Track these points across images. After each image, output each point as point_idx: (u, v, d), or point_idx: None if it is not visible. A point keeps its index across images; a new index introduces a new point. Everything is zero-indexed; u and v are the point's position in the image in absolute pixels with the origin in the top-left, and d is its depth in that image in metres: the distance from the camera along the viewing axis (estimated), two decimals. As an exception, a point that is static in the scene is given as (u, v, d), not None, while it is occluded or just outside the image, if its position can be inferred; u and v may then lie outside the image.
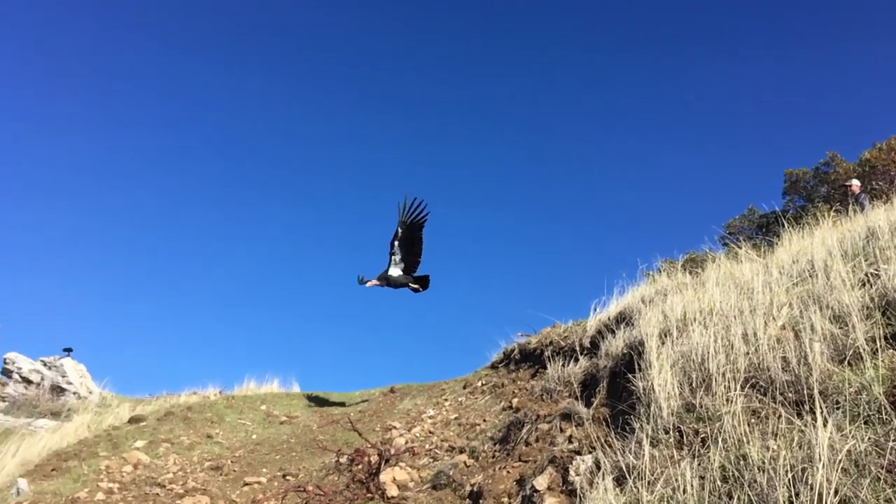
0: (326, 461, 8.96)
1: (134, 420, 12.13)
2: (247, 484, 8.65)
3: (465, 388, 11.05)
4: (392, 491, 7.40)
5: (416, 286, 12.44)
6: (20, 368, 15.39)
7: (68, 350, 15.94)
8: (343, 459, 8.40)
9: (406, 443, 8.86)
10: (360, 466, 8.07)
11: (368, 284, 12.10)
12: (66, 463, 10.16)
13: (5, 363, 15.71)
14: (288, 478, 8.74)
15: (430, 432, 9.20)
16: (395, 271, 12.05)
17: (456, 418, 9.50)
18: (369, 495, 7.50)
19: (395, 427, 9.92)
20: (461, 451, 7.88)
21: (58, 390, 14.21)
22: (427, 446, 8.54)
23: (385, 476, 7.64)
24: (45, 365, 15.08)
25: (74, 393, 14.23)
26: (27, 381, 15.17)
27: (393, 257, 11.97)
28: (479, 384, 10.72)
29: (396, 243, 11.90)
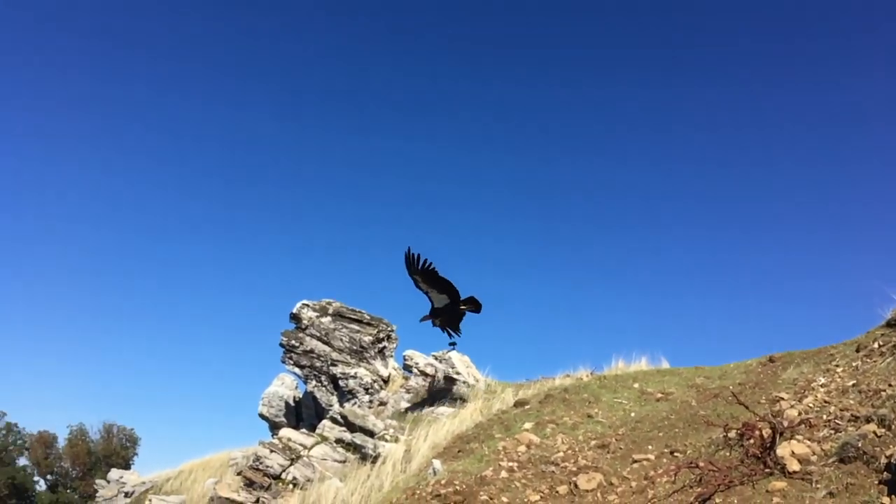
0: (713, 437, 8.73)
1: (518, 404, 13.05)
2: (636, 461, 8.80)
3: (857, 351, 9.96)
4: (793, 465, 6.98)
5: (468, 307, 12.43)
6: (417, 363, 17.51)
7: (453, 344, 17.69)
8: (731, 434, 8.13)
9: (799, 414, 8.26)
10: (751, 441, 7.74)
11: (422, 321, 12.49)
12: (468, 445, 11.29)
13: (405, 360, 18.00)
14: (676, 454, 8.71)
15: (826, 402, 8.46)
16: (441, 301, 12.26)
17: (853, 385, 8.61)
18: (767, 470, 7.16)
19: (782, 398, 9.31)
20: (867, 421, 7.14)
21: (449, 380, 15.86)
22: (824, 417, 7.88)
23: (782, 450, 7.23)
24: (436, 359, 16.94)
25: (464, 382, 15.75)
26: (424, 374, 17.19)
27: (429, 295, 12.06)
28: (876, 346, 9.58)
29: (423, 287, 12.05)
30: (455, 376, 15.87)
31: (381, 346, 18.97)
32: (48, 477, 42.72)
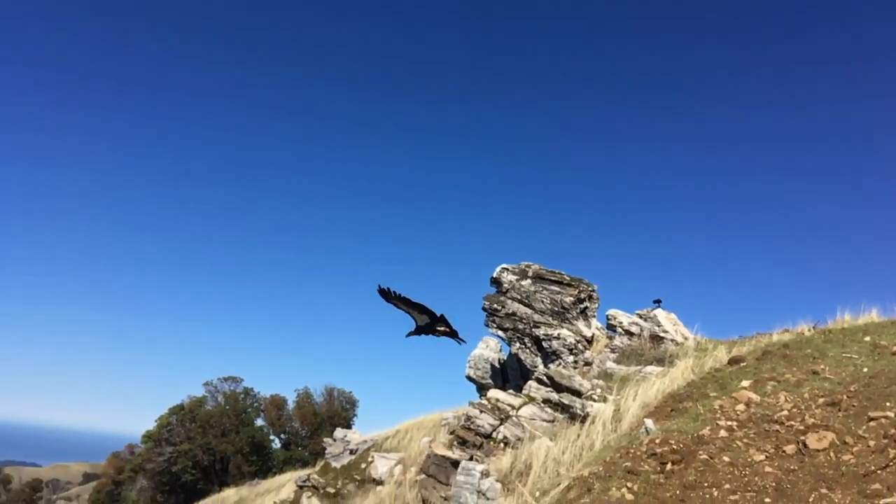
0: (965, 392, 7.84)
1: (733, 361, 12.46)
2: (872, 419, 8.11)
3: None
4: None
5: (445, 329, 12.35)
6: (621, 323, 17.22)
7: (658, 301, 17.25)
8: None
9: None
10: None
11: (407, 336, 12.96)
12: (681, 404, 10.97)
13: (609, 319, 17.77)
14: (920, 412, 7.92)
15: None
16: (423, 321, 12.60)
17: None
18: None
19: None
20: None
21: (656, 339, 15.46)
22: None
23: None
24: (640, 317, 16.58)
25: (671, 340, 15.29)
26: (629, 333, 16.89)
27: (412, 315, 12.66)
28: None
29: (403, 308, 12.76)
30: (662, 334, 15.44)
31: (582, 306, 18.83)
32: (282, 436, 47.19)
